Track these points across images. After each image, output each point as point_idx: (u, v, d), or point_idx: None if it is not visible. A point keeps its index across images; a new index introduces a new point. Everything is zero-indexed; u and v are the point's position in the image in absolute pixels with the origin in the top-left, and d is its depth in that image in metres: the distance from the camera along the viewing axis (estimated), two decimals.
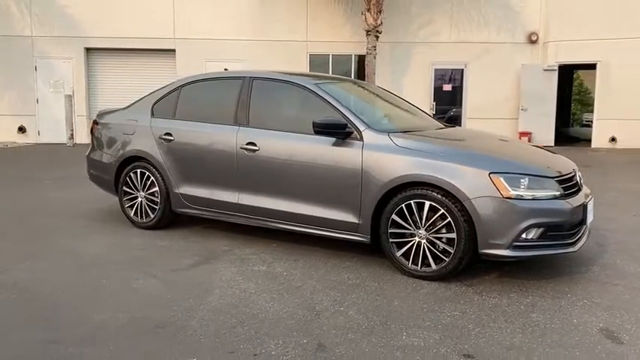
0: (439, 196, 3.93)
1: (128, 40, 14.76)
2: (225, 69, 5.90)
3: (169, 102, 5.40)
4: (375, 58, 13.92)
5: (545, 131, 14.82)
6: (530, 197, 3.83)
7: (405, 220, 4.08)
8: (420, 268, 4.07)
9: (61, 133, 14.86)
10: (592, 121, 34.08)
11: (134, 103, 5.83)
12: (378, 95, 5.47)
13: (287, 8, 14.90)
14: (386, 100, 5.44)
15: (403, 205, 4.06)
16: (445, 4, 15.07)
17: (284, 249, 4.83)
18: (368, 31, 13.80)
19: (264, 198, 4.72)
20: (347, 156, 4.30)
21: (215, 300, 3.66)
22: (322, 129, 4.31)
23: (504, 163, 3.96)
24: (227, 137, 4.88)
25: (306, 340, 3.08)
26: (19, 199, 7.08)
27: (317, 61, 15.10)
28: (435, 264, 4.00)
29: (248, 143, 4.74)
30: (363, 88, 5.41)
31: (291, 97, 4.83)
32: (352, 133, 4.33)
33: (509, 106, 15.18)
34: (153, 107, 5.48)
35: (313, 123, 4.32)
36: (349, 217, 4.32)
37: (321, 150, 4.43)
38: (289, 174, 4.57)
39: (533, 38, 15.15)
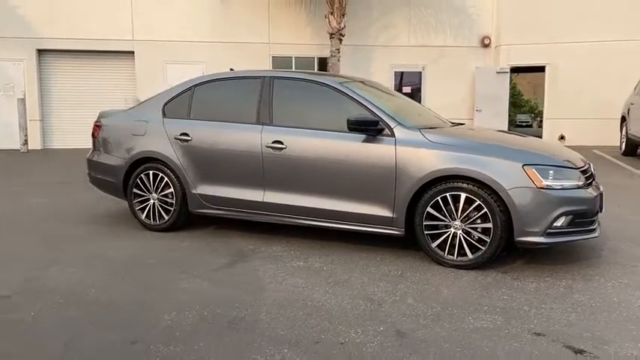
0: (475, 188, 4.13)
1: (84, 41, 14.30)
2: (231, 69, 5.89)
3: (182, 102, 5.35)
4: (339, 60, 14.14)
5: None
6: (559, 187, 4.10)
7: (440, 212, 4.26)
8: (456, 257, 4.26)
9: (11, 139, 14.18)
10: (525, 122, 35.68)
11: (140, 103, 5.75)
12: (389, 94, 5.63)
13: (248, 10, 14.88)
14: (398, 99, 5.61)
15: (439, 198, 4.24)
16: (403, 9, 15.51)
17: (309, 246, 4.90)
18: (332, 34, 14.00)
19: (293, 195, 4.77)
20: (380, 152, 4.44)
21: (272, 295, 3.70)
22: (356, 126, 4.44)
23: (534, 156, 4.22)
24: (250, 136, 4.90)
25: (383, 328, 3.19)
26: (4, 206, 6.77)
27: (280, 64, 15.15)
28: (471, 253, 4.20)
29: (274, 142, 4.79)
30: (374, 87, 5.55)
31: (316, 96, 4.90)
32: (383, 129, 4.47)
33: (465, 106, 15.79)
34: (164, 108, 5.41)
35: (348, 120, 4.43)
36: (383, 212, 4.46)
37: (351, 147, 4.54)
38: (319, 171, 4.65)
39: (486, 42, 15.85)
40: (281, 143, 4.77)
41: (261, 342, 3.00)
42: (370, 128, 4.45)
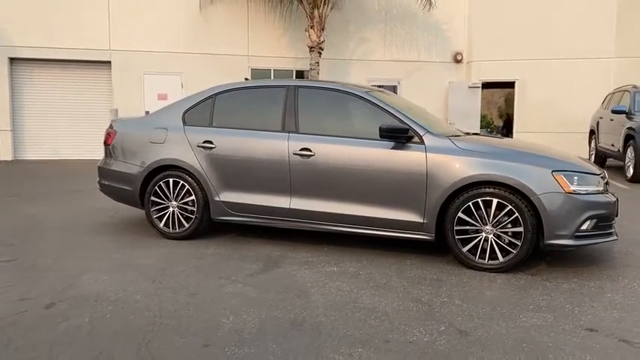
0: (506, 194, 4.30)
1: (58, 50, 13.97)
2: (246, 78, 5.92)
3: (203, 110, 5.35)
4: (318, 73, 14.29)
5: None
6: (584, 192, 4.31)
7: (471, 217, 4.40)
8: (487, 261, 4.40)
9: None
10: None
11: (157, 111, 5.70)
12: (409, 104, 5.73)
13: (228, 23, 14.88)
14: (418, 109, 5.73)
15: (470, 204, 4.38)
16: (379, 25, 15.84)
17: (336, 252, 4.96)
18: (311, 48, 14.16)
19: (321, 202, 4.83)
20: (410, 159, 4.56)
21: (321, 298, 3.74)
22: (388, 133, 4.55)
23: (561, 162, 4.42)
24: (277, 144, 4.94)
25: (443, 327, 3.28)
26: (6, 217, 6.54)
27: (258, 76, 15.17)
28: (502, 256, 4.35)
29: (302, 149, 4.84)
30: (394, 97, 5.66)
31: (342, 104, 4.99)
32: (413, 137, 4.60)
33: None
34: (184, 115, 5.39)
35: (380, 128, 4.54)
36: (413, 217, 4.57)
37: (380, 154, 4.64)
38: (348, 177, 4.72)
39: (458, 58, 16.33)
40: (309, 150, 4.83)
41: (332, 342, 3.04)
42: (401, 136, 4.57)
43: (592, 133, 13.41)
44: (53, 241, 5.29)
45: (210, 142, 5.16)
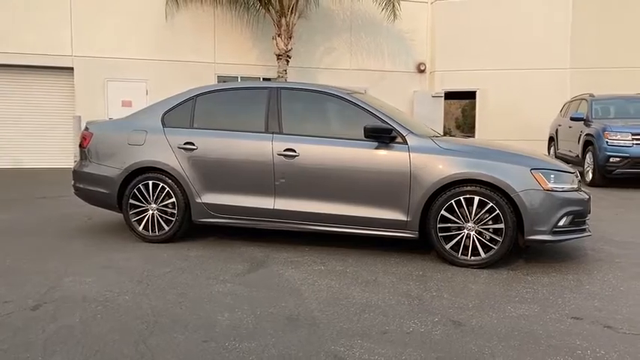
0: (487, 191, 4.43)
1: (17, 55, 13.55)
2: (224, 81, 5.91)
3: (183, 112, 5.31)
4: (286, 81, 14.34)
5: None
6: (560, 189, 4.48)
7: (453, 214, 4.51)
8: (470, 257, 4.51)
9: None
10: None
11: (135, 113, 5.63)
12: (389, 106, 5.83)
13: (194, 30, 14.78)
14: (398, 110, 5.84)
15: (453, 201, 4.49)
16: (345, 34, 16.03)
17: (320, 251, 4.98)
18: (279, 56, 14.21)
19: (305, 202, 4.85)
20: (393, 158, 4.64)
21: (312, 295, 3.77)
22: (372, 133, 4.63)
23: (538, 161, 4.59)
24: (261, 145, 4.95)
25: (437, 319, 3.35)
26: None
27: None
28: (485, 253, 4.47)
29: (286, 150, 4.87)
30: (373, 99, 5.73)
31: (325, 106, 5.07)
32: (396, 137, 4.69)
33: None
34: (163, 117, 5.34)
35: (364, 128, 4.62)
36: (397, 216, 4.64)
37: (364, 154, 4.72)
38: (332, 177, 4.77)
39: (422, 68, 16.68)
40: (293, 151, 4.86)
41: (330, 335, 3.07)
42: (384, 136, 4.65)
43: (551, 139, 13.87)
44: (29, 246, 5.14)
45: (192, 144, 5.13)
